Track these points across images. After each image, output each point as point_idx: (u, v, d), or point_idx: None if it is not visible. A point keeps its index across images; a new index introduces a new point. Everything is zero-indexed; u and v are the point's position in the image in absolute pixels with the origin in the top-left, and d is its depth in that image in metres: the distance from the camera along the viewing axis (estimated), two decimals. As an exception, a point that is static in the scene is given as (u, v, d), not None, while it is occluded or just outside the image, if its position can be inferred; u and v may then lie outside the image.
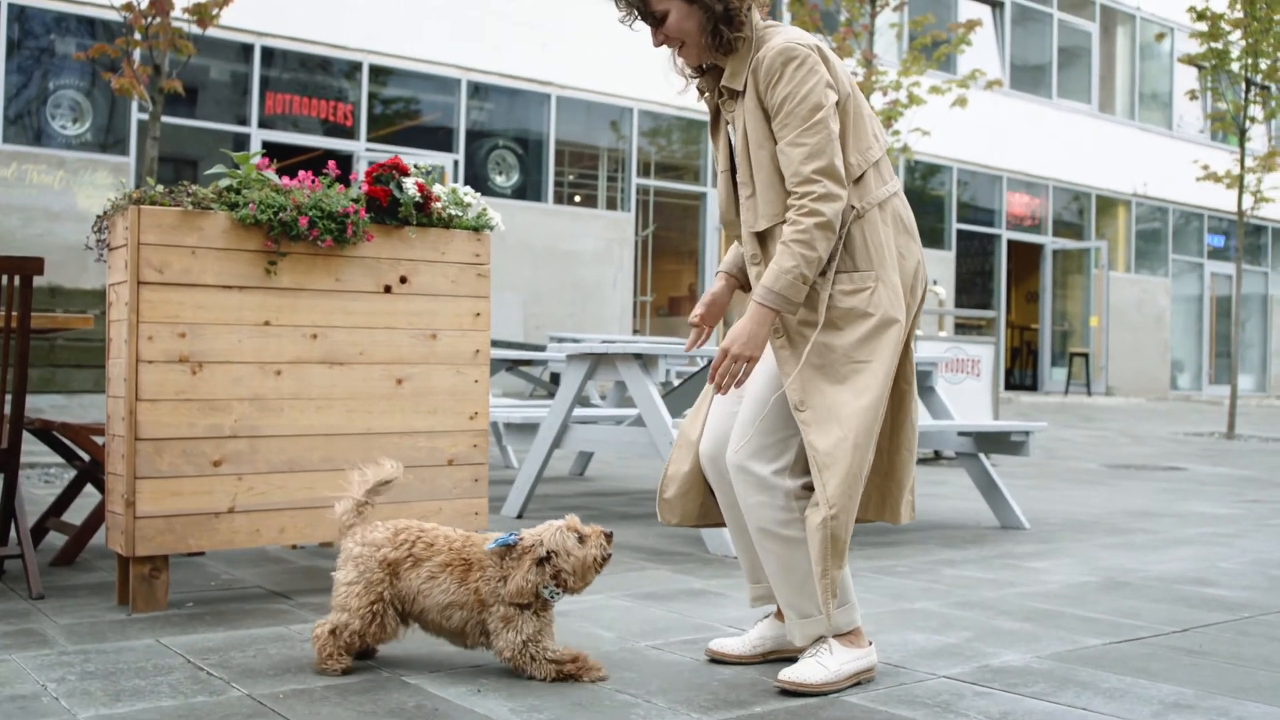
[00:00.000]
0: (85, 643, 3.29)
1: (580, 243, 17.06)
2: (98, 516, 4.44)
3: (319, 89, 15.05)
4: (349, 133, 14.99)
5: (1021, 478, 8.94)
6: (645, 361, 5.54)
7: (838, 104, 2.97)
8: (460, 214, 4.27)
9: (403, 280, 4.12)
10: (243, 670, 3.02)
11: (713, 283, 3.31)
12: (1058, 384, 23.22)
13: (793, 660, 3.16)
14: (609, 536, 3.10)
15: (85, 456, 4.74)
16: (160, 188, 3.79)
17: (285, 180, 3.95)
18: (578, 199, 17.51)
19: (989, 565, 4.91)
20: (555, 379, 10.80)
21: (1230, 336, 27.29)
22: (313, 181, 3.98)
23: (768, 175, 2.98)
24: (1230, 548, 5.58)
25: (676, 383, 6.60)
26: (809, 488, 2.98)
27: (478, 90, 16.14)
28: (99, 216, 3.96)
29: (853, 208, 2.98)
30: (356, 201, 4.00)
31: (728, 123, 3.13)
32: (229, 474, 3.79)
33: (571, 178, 17.53)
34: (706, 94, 3.20)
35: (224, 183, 3.88)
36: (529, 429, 6.42)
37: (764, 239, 3.02)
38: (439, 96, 15.89)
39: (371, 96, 15.25)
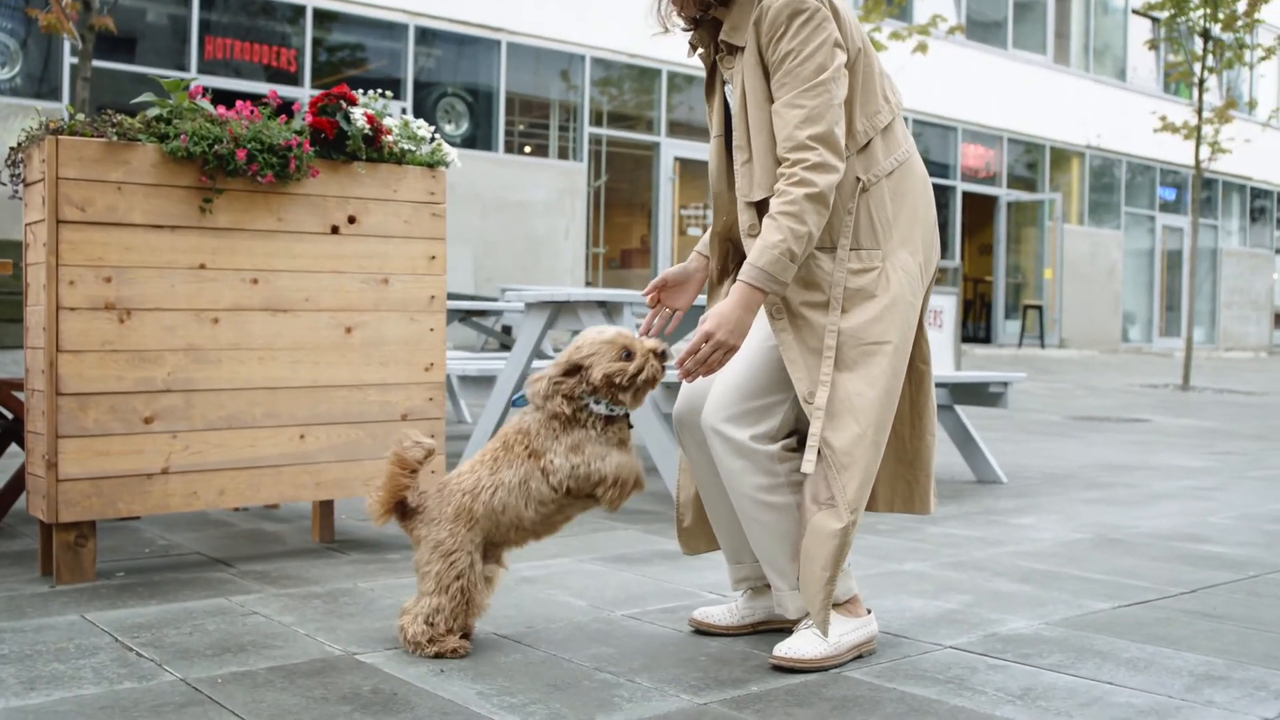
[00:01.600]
0: (0, 620, 2.96)
1: (531, 193, 16.66)
2: (20, 479, 4.09)
3: (261, 34, 14.51)
4: (293, 79, 14.47)
5: (986, 430, 8.74)
6: (609, 309, 5.24)
7: (848, 64, 2.66)
8: (414, 149, 3.93)
9: (351, 220, 3.79)
10: (177, 650, 2.71)
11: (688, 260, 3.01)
12: (1011, 336, 23.16)
13: (785, 632, 2.90)
14: (662, 356, 2.71)
15: (8, 414, 4.39)
16: (81, 116, 3.43)
17: (221, 110, 3.59)
18: (528, 149, 17.10)
19: (973, 522, 4.68)
20: (508, 331, 10.47)
21: (1179, 290, 27.40)
22: (251, 112, 3.63)
23: (767, 139, 2.67)
24: (1215, 501, 5.38)
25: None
26: (790, 449, 2.71)
27: (425, 36, 15.65)
28: (12, 149, 3.59)
29: (858, 179, 2.69)
30: (300, 134, 3.66)
31: (725, 82, 2.81)
32: (162, 432, 3.46)
33: (522, 127, 17.11)
34: (701, 49, 2.85)
35: (153, 112, 3.52)
36: (485, 382, 6.11)
37: (761, 210, 2.69)
38: (386, 43, 15.39)
39: (316, 42, 14.73)
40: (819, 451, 2.61)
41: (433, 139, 4.00)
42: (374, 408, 3.84)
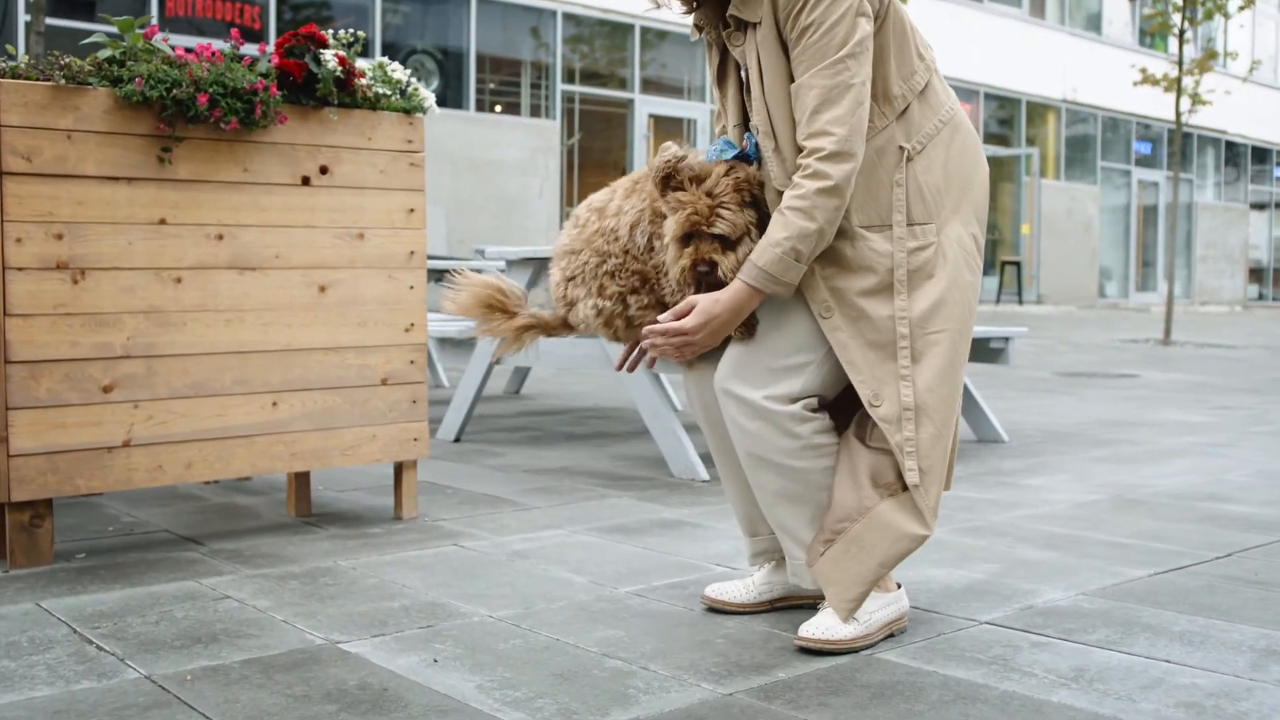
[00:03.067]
0: (-52, 609, 2.70)
1: (504, 152, 16.33)
2: (-28, 453, 3.81)
3: (222, -10, 14.08)
4: (257, 38, 14.05)
5: (977, 387, 8.53)
6: (596, 267, 4.97)
7: (876, 22, 2.38)
8: (389, 93, 3.65)
9: (323, 170, 3.51)
10: (141, 642, 2.46)
11: None
12: (989, 292, 23.01)
13: (808, 609, 2.67)
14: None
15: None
16: (26, 57, 3.14)
17: (180, 52, 3.31)
18: (499, 108, 16.74)
19: (982, 484, 4.46)
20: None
21: (1154, 245, 27.31)
22: (213, 54, 3.34)
23: (794, 123, 2.40)
24: (1226, 459, 5.19)
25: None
26: (812, 409, 2.46)
27: (392, -9, 15.25)
28: (-48, 95, 3.29)
29: (901, 149, 2.43)
30: (266, 77, 3.38)
31: (741, 67, 2.53)
32: (123, 401, 3.19)
33: (493, 85, 16.75)
34: (706, 29, 2.55)
35: (104, 54, 3.23)
36: (465, 344, 5.85)
37: None
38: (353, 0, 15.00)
39: (280, 0, 14.33)
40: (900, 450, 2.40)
41: (409, 83, 3.72)
42: (351, 371, 3.58)
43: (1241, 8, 17.03)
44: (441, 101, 15.56)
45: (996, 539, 3.47)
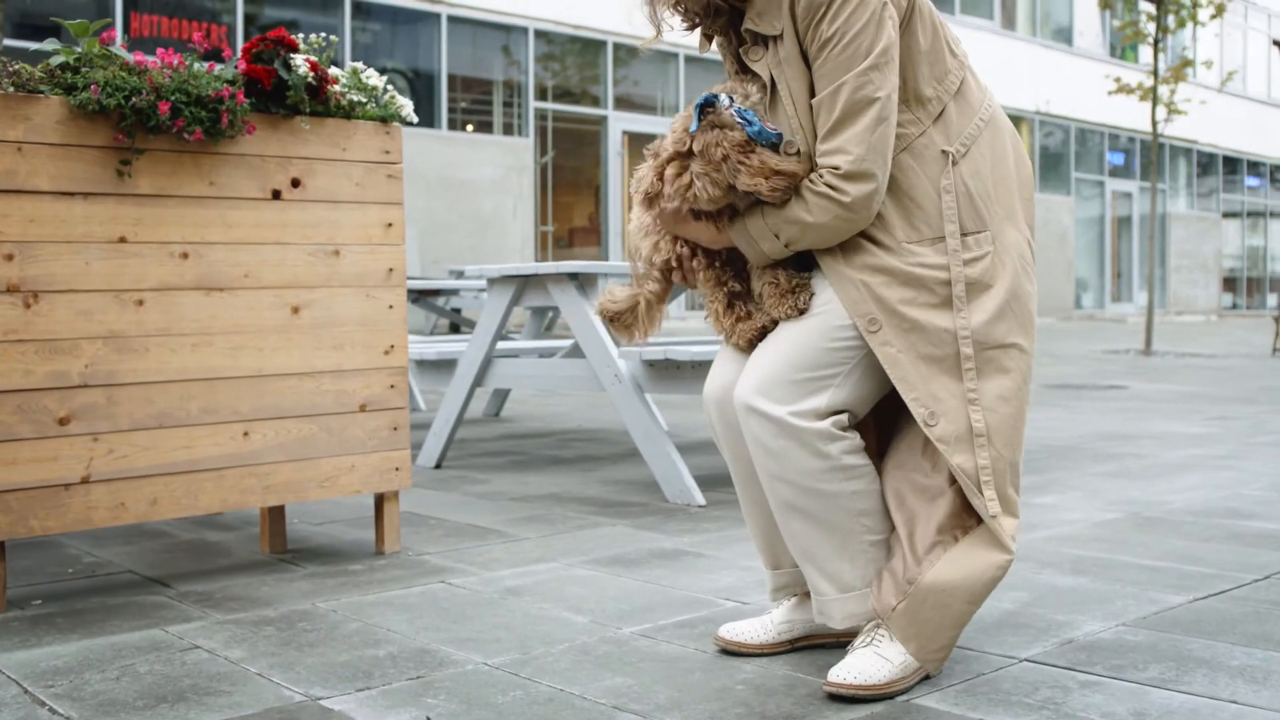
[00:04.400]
0: (-112, 666, 2.46)
1: (477, 171, 16.11)
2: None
3: (190, 10, 13.84)
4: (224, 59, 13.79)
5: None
6: (582, 282, 4.77)
7: (901, 25, 2.19)
8: (364, 100, 3.44)
9: (295, 183, 3.29)
10: (100, 702, 2.22)
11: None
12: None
13: (830, 649, 2.46)
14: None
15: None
16: (-29, 66, 2.91)
17: (139, 58, 3.08)
18: (470, 127, 16.53)
19: (992, 504, 4.26)
20: (458, 313, 9.95)
21: (1129, 255, 27.29)
22: (176, 60, 3.12)
23: None
24: (1237, 471, 5.01)
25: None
26: (842, 427, 2.25)
27: (361, 10, 15.04)
28: (-107, 107, 3.06)
29: (944, 153, 2.23)
30: (233, 83, 3.15)
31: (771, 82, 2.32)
32: (81, 434, 2.95)
33: (465, 104, 16.54)
34: (719, 39, 2.35)
35: (57, 60, 3.00)
36: (444, 366, 5.62)
37: None
38: (320, 18, 14.76)
39: (248, 19, 14.08)
40: (962, 474, 2.21)
41: (385, 90, 3.51)
42: (328, 398, 3.35)
43: (1214, 16, 17.02)
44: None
45: (1020, 564, 3.27)
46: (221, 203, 3.16)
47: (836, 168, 2.14)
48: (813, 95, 2.19)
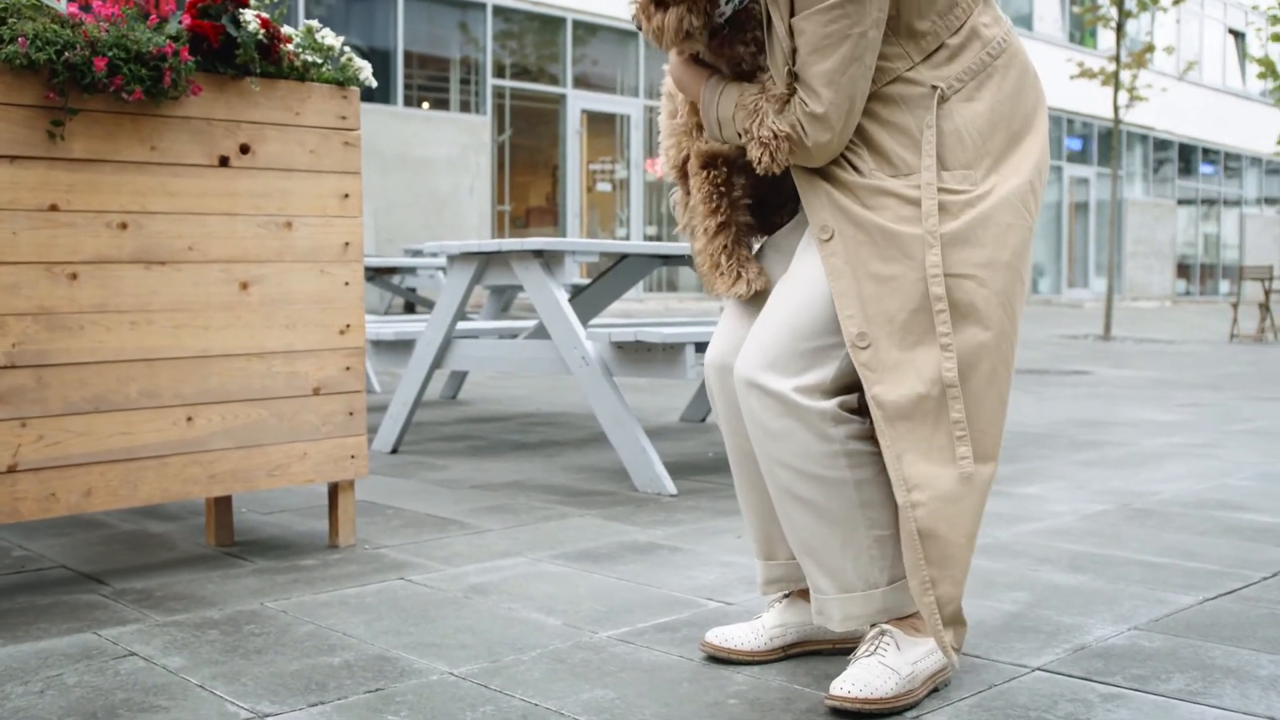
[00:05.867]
0: None
1: (433, 149, 15.80)
2: None
3: (135, -22, 13.43)
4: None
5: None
6: (548, 259, 4.55)
7: None
8: (319, 61, 3.20)
9: (244, 150, 3.05)
10: None
11: None
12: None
13: (829, 656, 2.27)
14: None
15: None
16: (-116, 13, 2.65)
17: (73, 10, 2.83)
18: (426, 105, 16.21)
19: (975, 494, 4.09)
20: (414, 291, 9.69)
21: (1085, 241, 27.35)
22: (113, 13, 2.87)
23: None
24: (1219, 460, 4.88)
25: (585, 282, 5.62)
26: (852, 409, 2.06)
27: (315, -19, 14.68)
28: None
29: (934, 88, 2.02)
30: (176, 40, 2.91)
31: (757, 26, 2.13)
32: (7, 419, 2.70)
33: (422, 82, 16.21)
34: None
35: (-19, 10, 2.75)
36: (401, 347, 5.38)
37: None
38: (272, -12, 14.39)
39: (196, -13, 13.68)
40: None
41: (342, 51, 3.27)
42: (279, 380, 3.12)
43: (1176, 1, 16.98)
44: (367, 96, 14.98)
45: (1014, 560, 3.09)
46: (164, 169, 2.92)
47: (804, 104, 1.98)
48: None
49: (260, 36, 3.02)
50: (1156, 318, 22.60)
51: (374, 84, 3.35)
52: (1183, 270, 30.94)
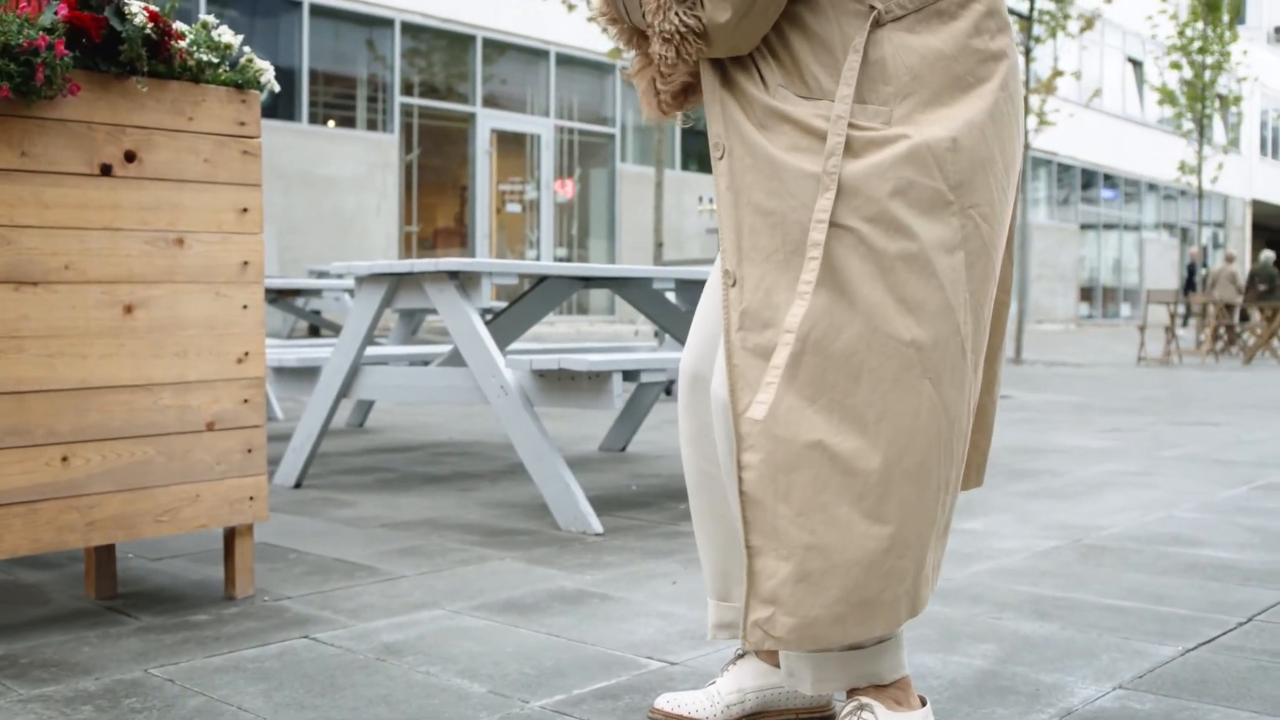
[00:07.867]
0: None
1: (339, 167, 15.40)
2: None
3: None
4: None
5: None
6: (463, 281, 4.26)
7: None
8: (215, 61, 2.90)
9: (130, 157, 2.74)
10: None
11: None
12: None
13: (795, 729, 2.02)
14: None
15: None
16: None
17: (-69, -2, 2.50)
18: (332, 123, 15.80)
19: (918, 530, 3.88)
20: (318, 314, 9.32)
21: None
22: (-22, 3, 2.55)
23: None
24: (1158, 490, 4.74)
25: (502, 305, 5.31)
26: None
27: (217, -6, 14.23)
28: None
29: (871, 8, 1.79)
30: (51, 32, 2.59)
31: None
32: None
33: (328, 99, 15.81)
34: None
35: None
36: (306, 374, 5.05)
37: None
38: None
39: None
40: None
41: (241, 50, 2.97)
42: (168, 415, 2.80)
43: (1083, 29, 17.19)
44: (271, 112, 14.56)
45: (974, 607, 2.87)
46: (36, 178, 2.60)
47: None
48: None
49: (148, 31, 2.71)
50: (1063, 341, 22.83)
51: (277, 88, 3.05)
52: (1085, 294, 31.41)
